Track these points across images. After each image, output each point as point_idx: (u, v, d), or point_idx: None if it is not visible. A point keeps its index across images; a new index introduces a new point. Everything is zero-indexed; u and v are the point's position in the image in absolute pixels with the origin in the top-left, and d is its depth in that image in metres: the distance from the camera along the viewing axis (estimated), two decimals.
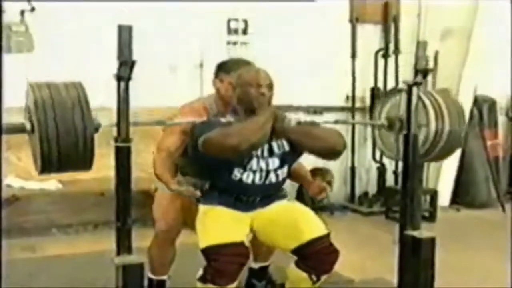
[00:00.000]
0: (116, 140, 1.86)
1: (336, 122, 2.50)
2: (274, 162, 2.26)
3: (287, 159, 2.30)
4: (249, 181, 2.24)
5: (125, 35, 1.80)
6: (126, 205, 1.88)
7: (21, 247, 3.50)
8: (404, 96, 2.30)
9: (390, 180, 4.90)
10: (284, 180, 2.35)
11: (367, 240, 3.91)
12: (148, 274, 2.54)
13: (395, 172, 4.85)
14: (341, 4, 4.73)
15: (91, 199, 3.98)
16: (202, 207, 2.30)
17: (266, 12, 4.32)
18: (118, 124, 1.86)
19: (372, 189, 4.94)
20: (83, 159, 1.79)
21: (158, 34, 3.96)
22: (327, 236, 2.27)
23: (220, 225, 2.23)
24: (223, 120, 2.21)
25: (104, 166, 2.97)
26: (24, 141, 4.13)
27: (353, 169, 4.88)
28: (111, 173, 1.93)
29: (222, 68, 2.48)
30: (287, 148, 2.27)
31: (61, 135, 1.73)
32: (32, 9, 3.77)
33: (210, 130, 2.12)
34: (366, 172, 5.00)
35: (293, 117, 2.27)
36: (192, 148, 2.25)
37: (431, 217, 4.45)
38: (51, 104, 1.74)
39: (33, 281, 2.91)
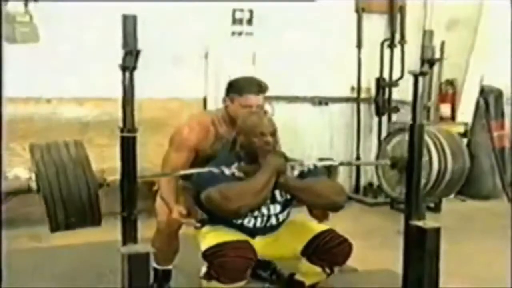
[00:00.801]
0: (121, 130, 1.86)
1: (341, 164, 2.51)
2: (276, 208, 2.30)
3: (289, 204, 2.34)
4: (250, 225, 2.29)
5: (129, 25, 1.80)
6: (132, 195, 1.88)
7: (28, 236, 3.52)
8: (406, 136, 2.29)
9: None
10: (284, 220, 2.39)
11: (372, 231, 3.91)
12: (153, 264, 2.56)
13: None
14: None
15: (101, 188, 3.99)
16: (203, 229, 2.34)
17: (271, 2, 4.30)
18: (124, 114, 1.86)
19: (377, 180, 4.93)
20: (90, 216, 1.83)
21: (163, 25, 3.94)
22: (332, 229, 2.29)
23: (222, 231, 2.27)
24: (227, 171, 2.21)
25: (109, 157, 2.98)
26: (30, 132, 4.16)
27: (358, 160, 4.87)
28: (117, 164, 1.93)
29: (234, 89, 2.44)
30: (289, 196, 2.30)
31: (65, 195, 1.77)
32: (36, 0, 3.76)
33: (213, 182, 2.13)
34: None
35: (296, 165, 2.28)
36: (195, 193, 2.29)
37: (436, 208, 4.43)
38: (53, 165, 1.77)
39: (39, 271, 2.94)
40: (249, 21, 4.31)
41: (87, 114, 4.01)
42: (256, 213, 2.26)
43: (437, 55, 3.30)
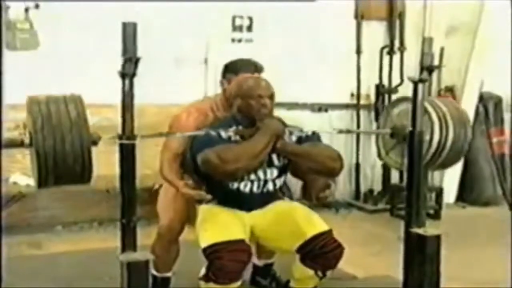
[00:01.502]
0: (120, 137, 1.86)
1: (341, 131, 2.49)
2: (273, 172, 2.28)
3: (286, 169, 2.32)
4: (247, 190, 2.26)
5: (129, 31, 1.80)
6: (131, 202, 1.87)
7: (27, 243, 3.51)
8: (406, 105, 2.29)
9: (395, 177, 4.88)
10: (281, 187, 2.37)
11: (372, 238, 3.90)
12: (152, 271, 2.55)
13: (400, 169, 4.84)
14: (346, 1, 4.71)
15: (96, 196, 3.99)
16: (202, 207, 2.31)
17: (270, 9, 4.31)
18: (123, 121, 1.85)
19: (377, 186, 4.93)
20: (81, 173, 1.78)
21: (163, 31, 3.96)
22: (330, 232, 2.28)
23: (219, 224, 2.24)
24: (223, 134, 2.19)
25: (109, 163, 2.96)
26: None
27: (358, 166, 4.87)
28: (116, 170, 1.92)
29: (230, 69, 2.46)
30: (286, 160, 2.28)
31: (58, 150, 1.72)
32: (37, 6, 3.77)
33: (210, 145, 2.11)
34: (371, 169, 4.98)
35: (295, 131, 2.28)
36: (191, 159, 2.26)
37: (436, 215, 4.43)
38: (49, 118, 1.73)
39: (38, 278, 2.93)
40: (249, 28, 4.33)
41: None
42: (253, 177, 2.23)
43: (436, 61, 3.31)
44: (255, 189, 2.27)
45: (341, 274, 3.00)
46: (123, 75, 1.82)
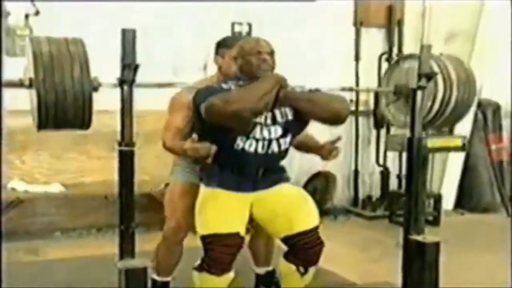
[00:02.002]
0: (119, 144, 1.86)
1: (343, 89, 2.46)
2: (277, 131, 2.22)
3: (290, 128, 2.26)
4: (252, 149, 2.19)
5: (129, 38, 1.81)
6: (130, 209, 1.88)
7: (25, 250, 3.50)
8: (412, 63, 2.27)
9: (393, 183, 4.88)
10: (286, 150, 2.30)
11: (371, 244, 3.89)
12: (152, 275, 2.53)
13: (398, 176, 4.84)
14: (345, 8, 4.73)
15: (94, 203, 3.99)
16: (203, 189, 2.26)
17: (269, 15, 4.32)
18: (122, 128, 1.86)
19: (376, 193, 4.93)
20: (81, 117, 1.75)
21: (162, 37, 3.96)
22: (316, 228, 2.28)
23: (219, 212, 2.21)
24: (224, 86, 2.17)
25: (107, 170, 2.97)
26: (28, 144, 4.15)
27: (356, 173, 4.87)
28: (115, 176, 1.93)
29: (223, 44, 2.44)
30: (290, 117, 2.23)
31: (59, 91, 1.68)
32: (37, 13, 3.78)
33: (212, 95, 2.08)
34: (370, 176, 4.98)
35: (297, 88, 2.26)
36: (195, 116, 2.20)
37: (435, 221, 4.43)
38: (50, 58, 1.69)
39: (36, 284, 2.91)
40: (248, 34, 4.33)
41: None
42: (257, 135, 2.17)
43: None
44: (260, 149, 2.20)
45: (340, 280, 3.00)
46: (121, 82, 1.83)
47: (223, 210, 2.22)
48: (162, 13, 4.05)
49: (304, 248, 2.24)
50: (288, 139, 2.27)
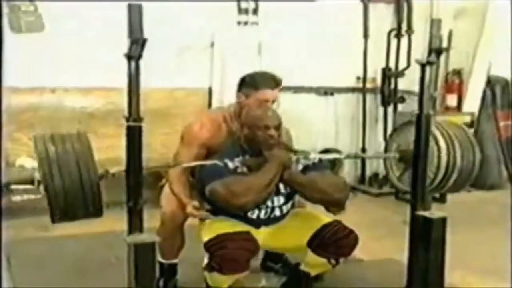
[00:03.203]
0: (127, 119, 1.86)
1: (347, 157, 2.49)
2: (280, 200, 2.30)
3: (292, 196, 2.34)
4: (254, 216, 2.28)
5: (135, 14, 1.79)
6: (137, 185, 1.88)
7: (34, 226, 3.53)
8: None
9: None
10: (288, 212, 2.38)
11: (377, 221, 3.91)
12: (159, 258, 2.52)
13: None
14: None
15: (102, 180, 4.00)
16: (208, 219, 2.31)
17: None
18: (129, 103, 1.85)
19: (382, 170, 4.91)
20: (92, 207, 1.82)
21: (168, 14, 3.93)
22: (338, 221, 2.31)
23: (224, 222, 2.25)
24: (230, 164, 2.19)
25: (115, 147, 2.97)
26: (35, 121, 4.16)
27: (363, 151, 4.86)
28: (123, 154, 1.93)
29: (250, 83, 2.38)
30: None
31: (66, 186, 1.76)
32: None
33: (217, 176, 2.13)
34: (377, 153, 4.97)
35: (301, 158, 2.28)
36: (199, 184, 2.28)
37: (442, 198, 4.42)
38: (55, 156, 1.76)
39: (46, 260, 2.96)
40: (255, 11, 4.29)
41: (92, 104, 4.01)
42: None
43: (444, 44, 3.27)
44: (262, 215, 2.29)
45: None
46: (129, 58, 1.82)
47: (229, 221, 2.26)
48: None
49: (333, 240, 2.26)
50: (290, 204, 2.35)
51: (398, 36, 4.70)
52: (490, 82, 4.86)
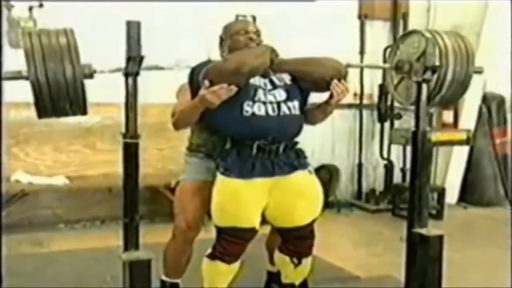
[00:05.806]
0: (124, 136, 1.86)
1: (348, 66, 2.44)
2: (281, 93, 2.23)
3: (293, 92, 2.26)
4: (262, 112, 2.17)
5: (133, 30, 1.80)
6: (134, 201, 1.87)
7: (29, 242, 3.52)
8: (417, 38, 2.27)
9: (397, 177, 4.88)
10: (299, 119, 2.30)
11: (374, 238, 3.89)
12: (162, 276, 2.45)
13: (402, 169, 4.83)
14: (350, 1, 4.71)
15: (98, 195, 4.00)
16: (220, 179, 2.21)
17: (274, 9, 4.30)
18: (126, 120, 1.86)
19: (379, 186, 4.93)
20: (76, 104, 1.83)
21: (166, 31, 3.95)
22: (313, 221, 2.29)
23: (238, 206, 2.19)
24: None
25: (111, 162, 2.96)
26: (32, 136, 4.16)
27: (360, 166, 4.87)
28: (118, 169, 1.93)
29: (223, 34, 2.40)
30: (288, 81, 2.27)
31: (51, 81, 1.77)
32: (41, 5, 3.78)
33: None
34: (373, 169, 4.98)
35: None
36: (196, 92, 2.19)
37: (439, 215, 4.43)
38: (41, 51, 1.77)
39: (40, 276, 2.93)
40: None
41: (90, 119, 4.01)
42: (263, 98, 2.17)
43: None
44: (270, 111, 2.19)
45: (344, 274, 3.00)
46: (126, 74, 1.82)
47: (241, 203, 2.19)
48: (165, 6, 4.04)
49: (295, 241, 2.28)
50: (295, 104, 2.26)
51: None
52: (486, 99, 4.89)
